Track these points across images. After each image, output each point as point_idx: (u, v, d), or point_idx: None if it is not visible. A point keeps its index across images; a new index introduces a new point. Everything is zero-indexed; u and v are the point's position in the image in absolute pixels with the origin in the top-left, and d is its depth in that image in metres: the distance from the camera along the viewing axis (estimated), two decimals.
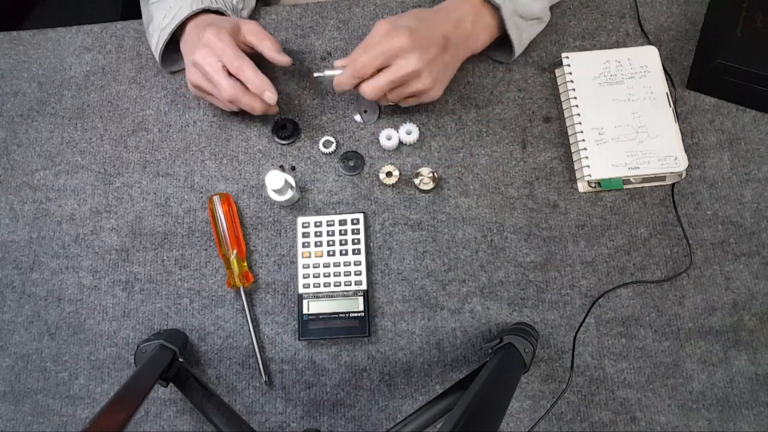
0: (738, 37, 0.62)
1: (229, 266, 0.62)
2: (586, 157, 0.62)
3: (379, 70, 0.57)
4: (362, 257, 0.62)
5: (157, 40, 0.65)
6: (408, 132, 0.65)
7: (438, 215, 0.64)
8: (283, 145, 0.67)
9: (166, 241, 0.65)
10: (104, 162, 0.69)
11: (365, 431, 0.60)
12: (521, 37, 0.63)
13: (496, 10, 0.60)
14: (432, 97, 0.60)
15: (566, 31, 0.69)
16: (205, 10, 0.63)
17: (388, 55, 0.56)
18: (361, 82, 0.58)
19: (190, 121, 0.69)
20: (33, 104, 0.71)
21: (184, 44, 0.64)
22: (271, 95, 0.59)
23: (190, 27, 0.63)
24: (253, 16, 0.72)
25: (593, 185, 0.63)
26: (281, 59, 0.61)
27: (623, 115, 0.63)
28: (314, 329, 0.60)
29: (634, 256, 0.62)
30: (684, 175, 0.64)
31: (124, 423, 0.43)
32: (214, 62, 0.58)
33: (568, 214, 0.64)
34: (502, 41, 0.64)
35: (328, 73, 0.61)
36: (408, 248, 0.64)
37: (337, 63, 0.60)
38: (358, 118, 0.68)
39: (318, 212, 0.65)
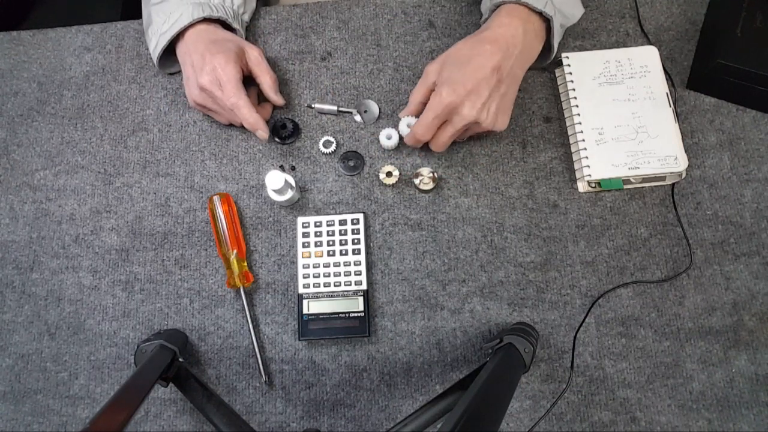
0: (738, 37, 0.62)
1: (229, 266, 0.62)
2: (586, 157, 0.62)
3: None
4: (362, 257, 0.62)
5: (155, 44, 0.65)
6: (408, 126, 0.64)
7: (438, 215, 0.64)
8: (283, 145, 0.67)
9: (166, 241, 0.65)
10: (104, 162, 0.69)
11: (365, 431, 0.60)
12: (558, 42, 0.63)
13: (545, 20, 0.60)
14: (498, 130, 0.59)
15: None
16: (206, 19, 0.63)
17: (443, 116, 0.57)
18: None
19: (190, 121, 0.69)
20: (33, 104, 0.71)
21: (182, 52, 0.64)
22: (263, 133, 0.62)
23: (189, 35, 0.63)
24: (254, 16, 0.72)
25: (593, 185, 0.63)
26: (276, 99, 0.65)
27: (623, 115, 0.63)
28: (314, 329, 0.60)
29: (634, 256, 0.62)
30: (684, 175, 0.64)
31: (124, 423, 0.43)
32: (220, 92, 0.61)
33: (568, 214, 0.64)
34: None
35: (326, 107, 0.67)
36: (408, 248, 0.64)
37: (401, 114, 0.63)
38: (358, 118, 0.68)
39: (318, 212, 0.65)
